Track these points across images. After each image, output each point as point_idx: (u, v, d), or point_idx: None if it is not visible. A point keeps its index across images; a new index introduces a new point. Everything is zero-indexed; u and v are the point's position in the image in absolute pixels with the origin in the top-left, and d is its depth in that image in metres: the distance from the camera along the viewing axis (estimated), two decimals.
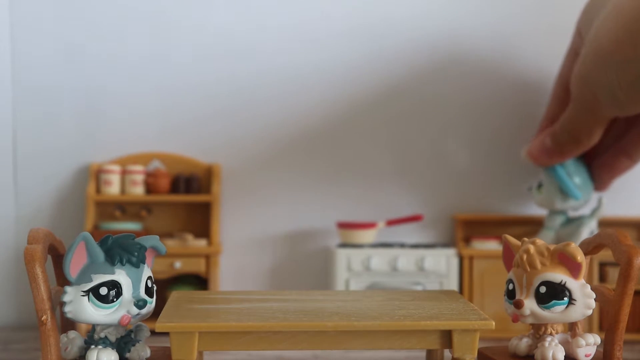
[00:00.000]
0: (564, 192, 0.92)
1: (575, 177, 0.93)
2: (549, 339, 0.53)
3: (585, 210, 0.98)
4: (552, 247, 0.53)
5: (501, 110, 1.04)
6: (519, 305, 0.52)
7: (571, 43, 0.84)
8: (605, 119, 0.79)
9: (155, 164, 1.05)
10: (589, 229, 0.94)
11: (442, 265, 0.97)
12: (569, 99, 0.83)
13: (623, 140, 0.89)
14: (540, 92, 1.02)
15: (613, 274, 0.93)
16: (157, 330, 0.48)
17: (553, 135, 0.87)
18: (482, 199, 1.05)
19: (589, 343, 0.53)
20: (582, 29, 0.80)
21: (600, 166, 0.93)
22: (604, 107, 0.75)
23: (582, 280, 0.52)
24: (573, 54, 0.84)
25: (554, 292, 0.51)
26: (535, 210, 1.02)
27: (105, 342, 0.50)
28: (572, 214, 0.97)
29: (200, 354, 0.54)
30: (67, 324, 0.53)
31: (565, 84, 0.85)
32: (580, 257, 0.51)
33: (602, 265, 0.95)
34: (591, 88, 0.74)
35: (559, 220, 0.96)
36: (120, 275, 0.49)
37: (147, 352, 0.51)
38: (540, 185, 0.95)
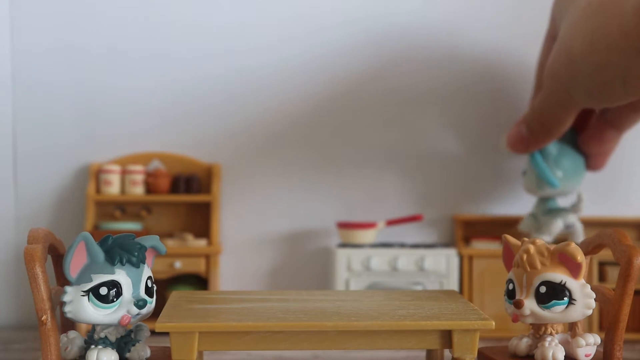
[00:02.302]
0: (542, 180, 0.92)
1: (559, 163, 0.92)
2: (549, 339, 0.53)
3: (566, 203, 0.98)
4: (552, 247, 0.53)
5: (503, 110, 1.04)
6: (519, 305, 0.52)
7: (548, 29, 0.83)
8: (576, 110, 0.77)
9: (155, 164, 1.05)
10: (563, 222, 0.94)
11: (442, 265, 0.97)
12: None
13: (608, 113, 0.87)
14: None
15: (613, 274, 0.93)
16: (157, 330, 0.48)
17: (527, 123, 0.86)
18: (482, 199, 1.05)
19: (589, 343, 0.53)
20: (556, 15, 0.79)
21: (588, 140, 0.91)
22: (578, 101, 0.74)
23: (582, 280, 0.52)
24: (550, 39, 0.82)
25: (554, 292, 0.51)
26: None
27: (105, 342, 0.50)
28: (558, 204, 0.97)
29: (200, 354, 0.54)
30: (67, 324, 0.53)
31: (544, 67, 0.84)
32: (580, 257, 0.51)
33: (602, 265, 0.95)
34: (564, 85, 0.73)
35: (540, 208, 0.96)
36: (120, 275, 0.49)
37: (147, 352, 0.51)
38: (524, 172, 0.96)
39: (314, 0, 1.08)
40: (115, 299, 0.49)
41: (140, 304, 0.49)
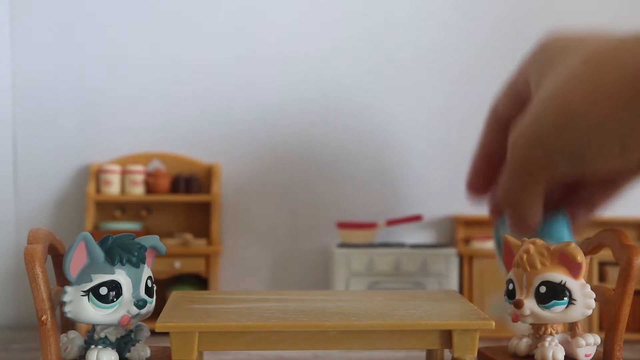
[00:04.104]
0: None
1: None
2: (549, 339, 0.53)
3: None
4: (552, 247, 0.53)
5: None
6: (519, 305, 0.52)
7: (513, 83, 0.75)
8: (544, 183, 0.67)
9: (155, 164, 1.05)
10: None
11: (442, 265, 0.97)
12: (504, 132, 0.74)
13: (579, 192, 0.77)
14: None
15: (613, 274, 0.93)
16: (157, 330, 0.48)
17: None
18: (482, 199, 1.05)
19: (589, 343, 0.53)
20: (530, 76, 0.71)
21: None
22: (557, 169, 0.65)
23: (582, 280, 0.52)
24: (514, 95, 0.74)
25: (554, 292, 0.51)
26: None
27: (105, 342, 0.50)
28: None
29: (200, 354, 0.53)
30: (67, 324, 0.53)
31: (500, 119, 0.76)
32: (580, 257, 0.51)
33: (602, 265, 0.95)
34: (547, 149, 0.64)
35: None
36: (120, 275, 0.49)
37: (147, 352, 0.51)
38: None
39: (316, 2, 1.08)
40: (115, 299, 0.49)
41: (140, 304, 0.49)
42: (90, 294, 0.48)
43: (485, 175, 0.78)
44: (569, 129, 0.62)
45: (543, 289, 0.51)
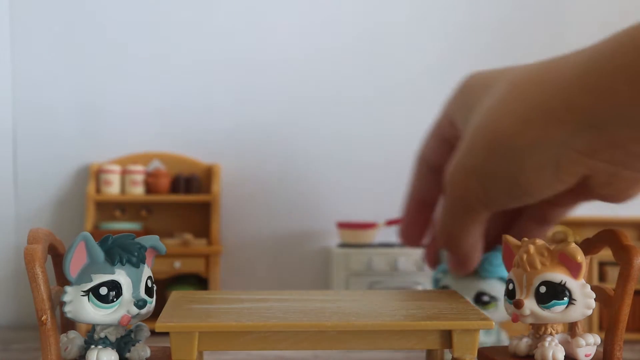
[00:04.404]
0: None
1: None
2: (549, 339, 0.53)
3: None
4: (552, 247, 0.53)
5: None
6: (518, 305, 0.52)
7: (437, 127, 0.72)
8: (484, 219, 0.65)
9: (155, 164, 1.05)
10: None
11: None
12: (434, 177, 0.73)
13: (513, 230, 0.74)
14: None
15: (613, 274, 0.93)
16: (157, 330, 0.48)
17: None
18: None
19: (589, 343, 0.53)
20: (455, 117, 0.67)
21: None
22: (493, 200, 0.62)
23: (582, 280, 0.52)
24: (440, 139, 0.71)
25: (554, 292, 0.51)
26: None
27: (105, 342, 0.50)
28: None
29: (200, 354, 0.54)
30: (67, 324, 0.53)
31: (429, 164, 0.74)
32: (580, 257, 0.51)
33: (602, 265, 0.95)
34: (482, 179, 0.61)
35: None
36: (120, 275, 0.49)
37: (147, 352, 0.51)
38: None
39: (315, 4, 1.08)
40: (115, 299, 0.49)
41: (140, 304, 0.49)
42: (90, 294, 0.48)
43: (418, 223, 0.76)
44: (501, 155, 0.59)
45: (543, 289, 0.51)
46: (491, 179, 0.61)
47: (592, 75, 0.53)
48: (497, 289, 0.68)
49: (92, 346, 0.50)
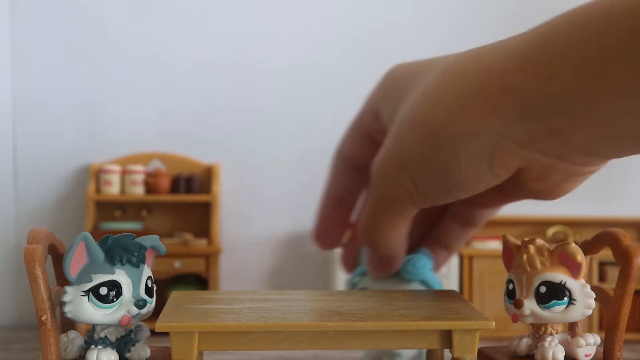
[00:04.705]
0: None
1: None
2: (549, 339, 0.53)
3: None
4: (552, 247, 0.53)
5: None
6: (518, 305, 0.52)
7: (359, 121, 0.67)
8: (411, 215, 0.61)
9: (155, 164, 1.05)
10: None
11: None
12: (353, 174, 0.69)
13: (436, 232, 0.71)
14: None
15: (613, 273, 0.93)
16: (157, 330, 0.48)
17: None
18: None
19: (589, 343, 0.53)
20: (380, 110, 0.63)
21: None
22: (427, 195, 0.57)
23: (582, 280, 0.52)
24: (361, 134, 0.67)
25: (554, 292, 0.51)
26: (535, 210, 1.02)
27: (105, 342, 0.50)
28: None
29: (200, 354, 0.53)
30: (67, 324, 0.53)
31: (347, 160, 0.69)
32: (580, 256, 0.51)
33: (602, 265, 0.95)
34: (413, 174, 0.56)
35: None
36: (120, 275, 0.49)
37: (147, 352, 0.51)
38: None
39: (315, 6, 1.08)
40: (115, 299, 0.49)
41: (140, 304, 0.49)
42: (90, 294, 0.48)
43: (334, 223, 0.71)
44: (434, 147, 0.55)
45: (543, 289, 0.51)
46: (422, 173, 0.56)
47: (531, 60, 0.49)
48: None
49: (92, 346, 0.50)
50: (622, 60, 0.44)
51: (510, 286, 0.54)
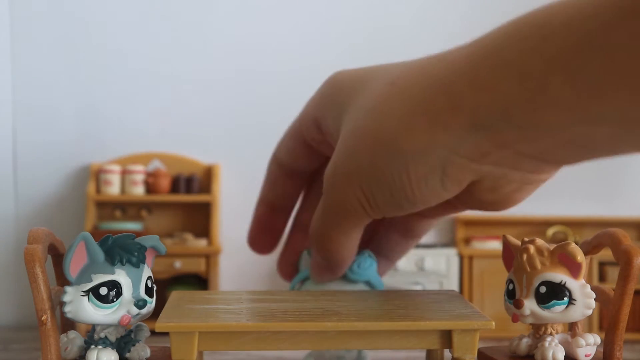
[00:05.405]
0: None
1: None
2: (549, 339, 0.53)
3: None
4: (552, 247, 0.53)
5: None
6: (518, 305, 0.52)
7: (296, 128, 0.65)
8: (364, 223, 0.59)
9: (155, 164, 1.05)
10: None
11: (442, 265, 0.97)
12: (289, 181, 0.68)
13: (376, 241, 0.68)
14: None
15: (613, 274, 0.93)
16: (157, 330, 0.48)
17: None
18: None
19: (589, 343, 0.53)
20: (322, 118, 0.61)
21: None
22: (379, 207, 0.56)
23: (582, 280, 0.52)
24: (299, 141, 0.65)
25: (554, 292, 0.51)
26: (535, 210, 1.02)
27: (105, 342, 0.50)
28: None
29: (200, 354, 0.53)
30: (67, 324, 0.53)
31: (283, 166, 0.69)
32: (580, 256, 0.51)
33: (602, 265, 0.95)
34: (365, 187, 0.55)
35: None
36: (120, 275, 0.49)
37: (147, 352, 0.51)
38: None
39: (316, 6, 1.08)
40: (115, 299, 0.49)
41: (140, 304, 0.49)
42: (90, 294, 0.48)
43: (268, 229, 0.71)
44: (385, 161, 0.53)
45: (543, 289, 0.51)
46: (374, 185, 0.54)
47: (479, 71, 0.47)
48: None
49: (92, 346, 0.50)
50: (563, 71, 0.42)
51: (510, 286, 0.54)
